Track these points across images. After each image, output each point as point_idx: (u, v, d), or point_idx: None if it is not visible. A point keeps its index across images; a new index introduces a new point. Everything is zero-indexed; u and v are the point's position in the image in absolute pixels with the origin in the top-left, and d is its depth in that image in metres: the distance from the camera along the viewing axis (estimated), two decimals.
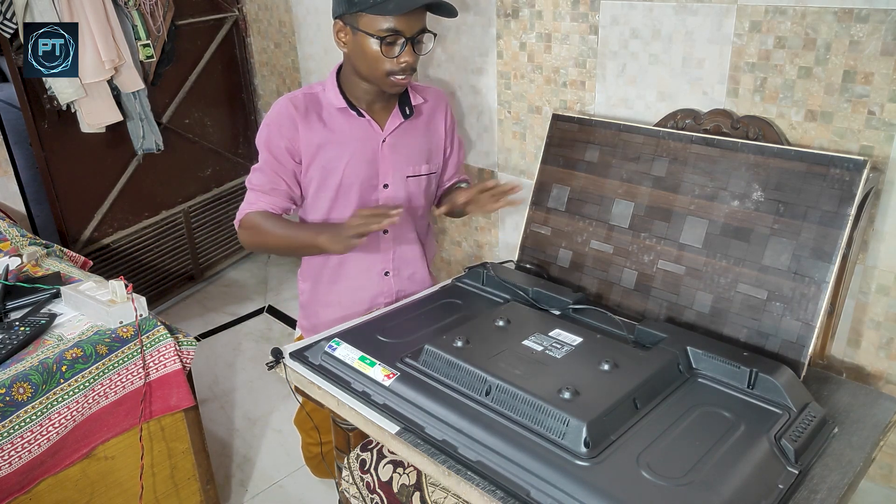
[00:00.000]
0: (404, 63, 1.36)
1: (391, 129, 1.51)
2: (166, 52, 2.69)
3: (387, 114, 1.51)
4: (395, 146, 1.52)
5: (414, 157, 1.55)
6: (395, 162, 1.53)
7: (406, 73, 1.39)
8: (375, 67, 1.38)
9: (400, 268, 1.63)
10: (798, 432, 1.00)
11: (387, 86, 1.42)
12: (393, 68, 1.37)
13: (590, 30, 1.63)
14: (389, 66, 1.37)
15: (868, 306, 1.34)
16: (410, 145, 1.54)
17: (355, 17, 1.35)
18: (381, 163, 1.51)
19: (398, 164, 1.53)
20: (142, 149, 2.63)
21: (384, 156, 1.51)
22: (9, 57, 2.29)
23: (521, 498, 0.92)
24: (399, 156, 1.53)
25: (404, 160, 1.54)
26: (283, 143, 1.45)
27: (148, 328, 1.55)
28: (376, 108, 1.51)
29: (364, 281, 1.61)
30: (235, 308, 2.98)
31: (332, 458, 1.82)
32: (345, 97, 1.48)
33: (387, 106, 1.51)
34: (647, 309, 1.37)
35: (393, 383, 1.14)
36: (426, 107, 1.57)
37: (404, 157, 1.54)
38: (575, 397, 1.01)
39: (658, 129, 1.44)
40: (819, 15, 1.25)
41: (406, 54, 1.36)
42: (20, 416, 1.35)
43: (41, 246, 1.94)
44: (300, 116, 1.45)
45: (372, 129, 1.50)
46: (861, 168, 1.15)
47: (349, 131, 1.48)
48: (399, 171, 1.54)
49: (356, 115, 1.48)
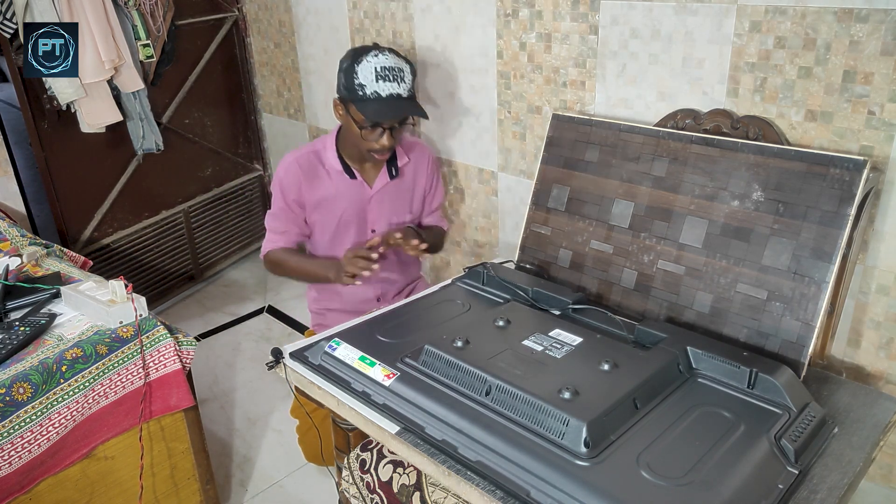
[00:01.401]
0: (381, 145, 1.64)
1: (378, 188, 1.80)
2: (166, 52, 2.69)
3: (376, 172, 1.80)
4: (381, 201, 1.81)
5: (398, 210, 1.85)
6: (381, 213, 1.82)
7: (385, 152, 1.67)
8: (359, 144, 1.67)
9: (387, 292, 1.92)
10: (798, 432, 1.00)
11: (370, 158, 1.71)
12: (373, 147, 1.65)
13: (590, 30, 1.63)
14: (370, 145, 1.65)
15: (868, 306, 1.34)
16: (395, 200, 1.83)
17: (346, 103, 1.63)
18: (369, 214, 1.82)
19: (384, 215, 1.83)
20: (142, 149, 2.63)
21: (372, 209, 1.81)
22: (9, 57, 2.29)
23: (521, 498, 0.92)
24: (385, 208, 1.82)
25: (389, 211, 1.83)
26: (292, 196, 1.76)
27: (148, 328, 1.55)
28: (367, 167, 1.79)
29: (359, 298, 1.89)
30: (235, 308, 2.98)
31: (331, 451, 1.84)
32: (341, 158, 1.76)
33: (376, 165, 1.79)
34: (647, 309, 1.37)
35: (393, 383, 1.14)
36: (410, 167, 1.83)
37: (389, 209, 1.83)
38: (575, 397, 1.01)
39: (658, 129, 1.44)
40: (819, 15, 1.25)
41: (384, 139, 1.63)
42: (20, 416, 1.35)
43: (41, 246, 1.94)
44: (304, 176, 1.75)
45: (363, 188, 1.79)
46: (861, 168, 1.15)
47: (344, 190, 1.77)
48: (385, 220, 1.83)
49: (349, 178, 1.76)
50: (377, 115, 1.58)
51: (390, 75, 1.58)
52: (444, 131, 2.14)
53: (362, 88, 1.57)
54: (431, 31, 2.04)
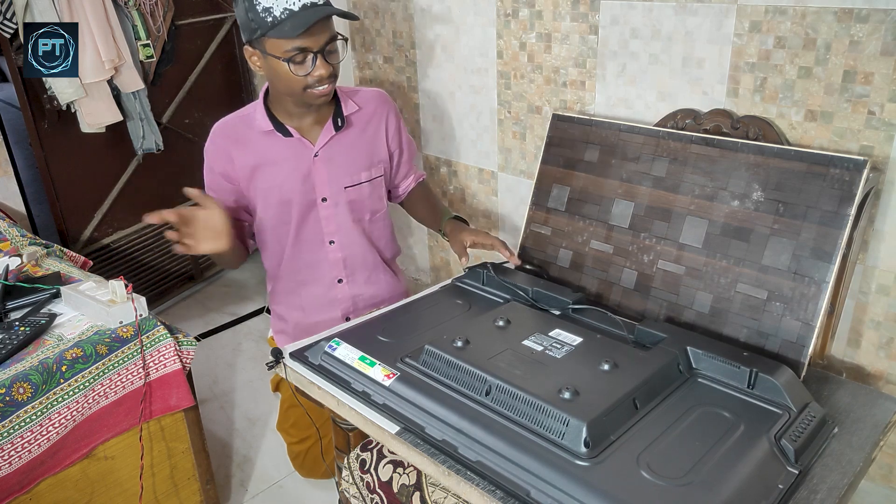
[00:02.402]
0: (318, 75, 1.38)
1: (322, 143, 1.53)
2: (166, 52, 2.69)
3: (319, 127, 1.54)
4: (329, 159, 1.54)
5: (351, 168, 1.57)
6: (330, 175, 1.55)
7: (324, 83, 1.40)
8: (291, 87, 1.40)
9: (354, 273, 1.67)
10: (798, 432, 1.00)
11: (310, 98, 1.43)
12: (309, 83, 1.39)
13: (590, 30, 1.63)
14: (305, 82, 1.38)
15: (868, 306, 1.34)
16: (346, 156, 1.56)
17: (261, 42, 1.36)
18: (315, 177, 1.54)
19: (334, 177, 1.55)
20: (142, 149, 2.63)
21: (318, 170, 1.54)
22: (9, 57, 2.29)
23: (521, 498, 0.92)
24: (335, 168, 1.55)
25: (341, 171, 1.56)
26: (219, 169, 1.53)
27: (148, 328, 1.55)
28: (308, 123, 1.53)
29: (320, 288, 1.66)
30: (235, 308, 2.98)
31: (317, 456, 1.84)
32: (273, 118, 1.50)
33: (320, 119, 1.53)
34: (647, 309, 1.37)
35: (393, 383, 1.14)
36: (361, 115, 1.58)
37: (340, 168, 1.56)
38: (575, 397, 1.01)
39: (658, 129, 1.44)
40: (819, 15, 1.25)
41: (319, 67, 1.37)
42: (20, 416, 1.35)
43: (41, 246, 1.94)
44: (230, 141, 1.51)
45: (303, 146, 1.52)
46: (861, 168, 1.15)
47: (280, 151, 1.51)
48: (336, 183, 1.56)
49: (283, 136, 1.51)
50: (295, 29, 1.31)
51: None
52: (444, 131, 2.14)
53: (269, 12, 1.31)
54: (431, 31, 2.04)
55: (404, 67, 2.19)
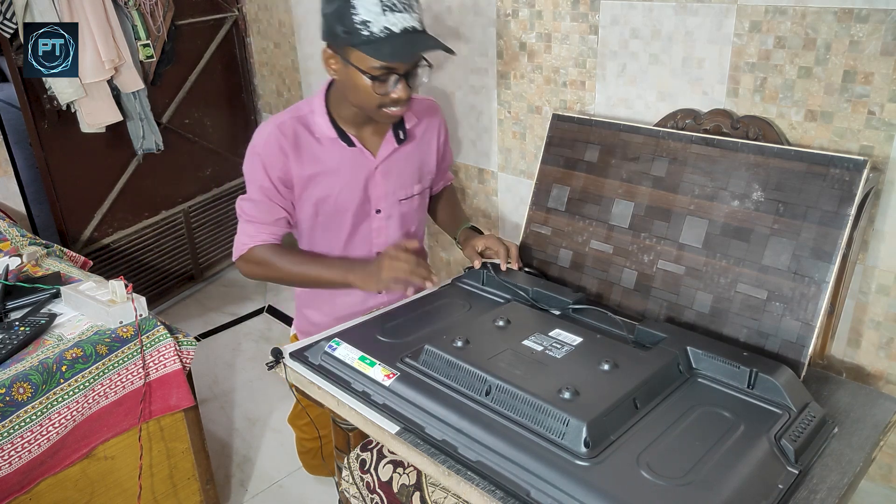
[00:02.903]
0: (396, 97, 1.32)
1: (384, 157, 1.48)
2: (166, 52, 2.69)
3: (379, 138, 1.48)
4: (387, 172, 1.49)
5: (406, 182, 1.53)
6: (387, 188, 1.50)
7: (399, 105, 1.34)
8: (366, 101, 1.33)
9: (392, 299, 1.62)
10: (798, 432, 1.00)
11: (380, 117, 1.37)
12: (385, 102, 1.33)
13: (590, 30, 1.63)
14: (381, 100, 1.32)
15: (868, 306, 1.34)
16: (403, 169, 1.52)
17: (346, 51, 1.29)
18: (372, 189, 1.49)
19: (391, 190, 1.51)
20: (142, 149, 2.63)
21: (376, 183, 1.49)
22: (9, 57, 2.29)
23: (521, 498, 0.92)
24: (391, 181, 1.50)
25: (397, 185, 1.52)
26: (276, 174, 1.41)
27: (148, 328, 1.55)
28: (368, 133, 1.47)
29: (358, 297, 1.59)
30: (235, 308, 2.98)
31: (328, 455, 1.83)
32: (334, 122, 1.43)
33: (378, 128, 1.47)
34: (647, 309, 1.37)
35: (393, 383, 1.14)
36: (419, 129, 1.54)
37: (397, 181, 1.51)
38: (575, 397, 1.01)
39: (658, 129, 1.44)
40: (819, 15, 1.25)
41: (400, 90, 1.31)
42: (20, 416, 1.35)
43: (41, 246, 1.94)
44: (289, 146, 1.40)
45: (364, 158, 1.46)
46: (861, 168, 1.15)
47: (340, 160, 1.44)
48: (391, 196, 1.52)
49: (346, 145, 1.44)
50: (394, 56, 1.25)
51: (399, 4, 1.25)
52: None
53: (367, 26, 1.24)
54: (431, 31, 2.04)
55: None
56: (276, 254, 1.44)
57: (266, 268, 1.45)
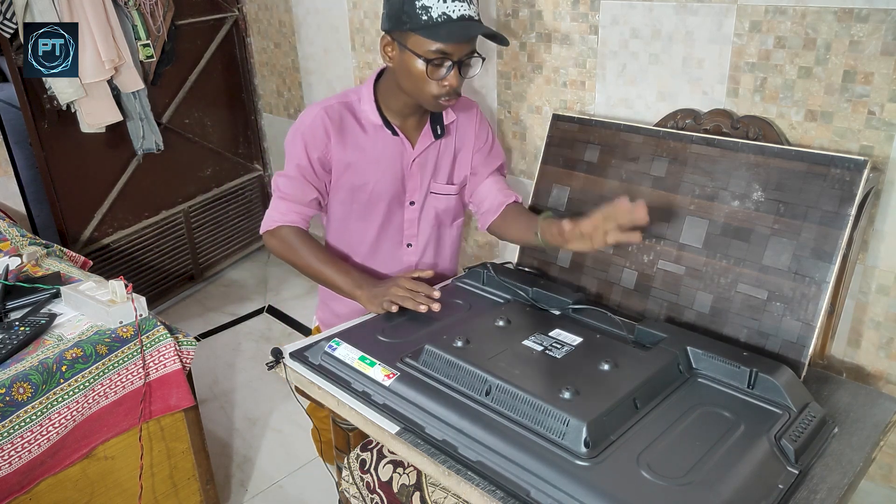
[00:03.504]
0: (448, 86, 1.35)
1: (421, 149, 1.51)
2: (166, 52, 2.69)
3: (418, 131, 1.51)
4: (423, 164, 1.53)
5: (439, 177, 1.56)
6: (422, 181, 1.54)
7: (451, 95, 1.37)
8: (420, 88, 1.37)
9: None
10: (798, 432, 1.00)
11: (431, 106, 1.41)
12: (438, 91, 1.36)
13: (590, 30, 1.63)
14: (434, 88, 1.36)
15: (868, 306, 1.34)
16: (438, 163, 1.55)
17: (404, 35, 1.33)
18: (408, 181, 1.52)
19: (425, 182, 1.55)
20: (142, 149, 2.63)
21: (412, 174, 1.52)
22: (9, 57, 2.29)
23: (521, 498, 0.92)
24: (426, 174, 1.54)
25: (431, 178, 1.55)
26: (316, 154, 1.45)
27: (148, 328, 1.55)
28: (409, 124, 1.50)
29: None
30: (235, 308, 2.98)
31: None
32: (380, 111, 1.47)
33: (419, 122, 1.51)
34: (647, 309, 1.37)
35: (393, 383, 1.14)
36: (456, 126, 1.56)
37: (431, 175, 1.55)
38: (575, 397, 1.01)
39: (658, 129, 1.44)
40: (819, 15, 1.25)
41: (452, 77, 1.34)
42: (20, 416, 1.35)
43: (41, 246, 1.94)
44: (334, 130, 1.44)
45: (404, 148, 1.49)
46: (861, 168, 1.15)
47: (381, 149, 1.48)
48: (424, 190, 1.55)
49: (390, 134, 1.47)
50: (450, 37, 1.29)
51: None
52: None
53: (426, 11, 1.29)
54: None
55: None
56: (302, 241, 1.46)
57: (289, 250, 1.47)
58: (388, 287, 1.38)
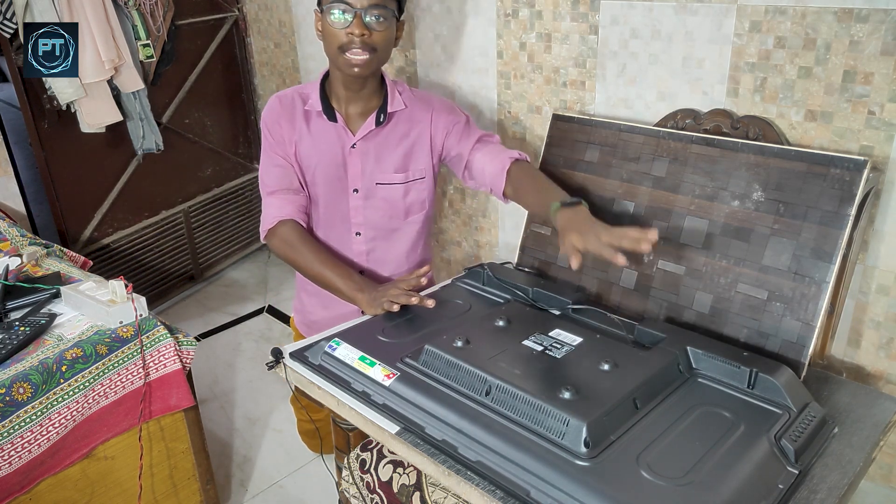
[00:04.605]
0: (351, 32, 1.38)
1: (361, 135, 1.53)
2: (166, 52, 2.69)
3: (362, 119, 1.54)
4: (365, 152, 1.54)
5: (385, 165, 1.55)
6: (364, 168, 1.55)
7: (358, 47, 1.39)
8: (331, 45, 1.42)
9: (377, 268, 1.64)
10: (798, 432, 1.00)
11: (344, 65, 1.43)
12: (344, 42, 1.39)
13: (590, 30, 1.63)
14: (341, 39, 1.40)
15: (868, 306, 1.34)
16: (382, 153, 1.55)
17: (321, 4, 1.42)
18: (349, 168, 1.55)
19: (368, 171, 1.55)
20: (142, 149, 2.63)
21: (353, 162, 1.54)
22: (9, 57, 2.29)
23: (521, 498, 0.92)
24: (369, 162, 1.55)
25: (375, 167, 1.55)
26: (277, 137, 1.53)
27: (148, 328, 1.55)
28: (355, 112, 1.54)
29: None
30: (235, 308, 2.98)
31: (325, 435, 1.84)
32: (325, 99, 1.53)
33: (366, 110, 1.54)
34: (647, 309, 1.37)
35: (393, 383, 1.14)
36: (405, 114, 1.55)
37: (375, 164, 1.55)
38: (575, 397, 1.01)
39: (658, 129, 1.44)
40: (819, 15, 1.25)
41: (355, 26, 1.38)
42: (20, 416, 1.35)
43: (41, 246, 1.94)
44: (285, 116, 1.53)
45: (343, 135, 1.53)
46: (861, 168, 1.15)
47: (322, 134, 1.53)
48: (368, 178, 1.56)
49: (328, 119, 1.52)
50: None
51: None
52: None
53: None
54: (431, 31, 2.04)
55: (404, 67, 2.19)
56: (303, 242, 1.49)
57: (291, 250, 1.49)
58: (386, 289, 1.40)
